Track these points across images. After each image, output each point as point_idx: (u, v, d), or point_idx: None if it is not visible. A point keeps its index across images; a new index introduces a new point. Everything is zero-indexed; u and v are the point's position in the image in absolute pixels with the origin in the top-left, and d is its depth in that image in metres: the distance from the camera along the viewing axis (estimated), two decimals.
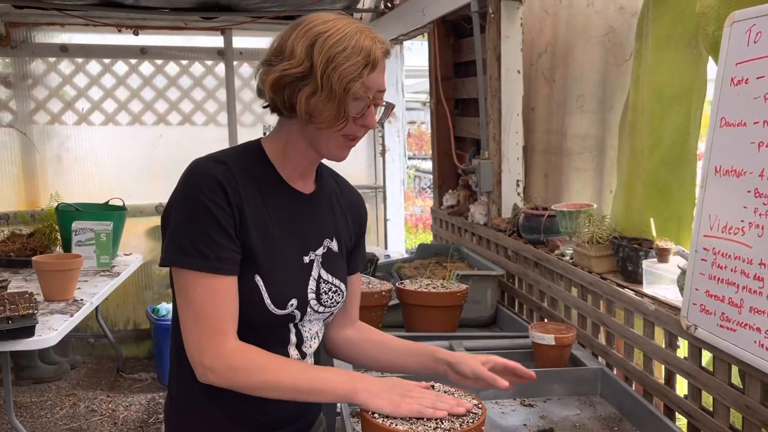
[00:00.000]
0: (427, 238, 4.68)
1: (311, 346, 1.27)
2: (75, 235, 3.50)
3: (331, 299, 1.27)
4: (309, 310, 1.23)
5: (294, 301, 1.20)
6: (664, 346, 1.59)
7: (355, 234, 1.35)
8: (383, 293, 2.12)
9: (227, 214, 1.12)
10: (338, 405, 1.67)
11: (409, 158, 7.71)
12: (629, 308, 1.72)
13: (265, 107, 1.22)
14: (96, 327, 4.21)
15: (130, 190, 4.17)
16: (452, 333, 2.08)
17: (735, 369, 1.35)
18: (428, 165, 7.72)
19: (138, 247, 4.22)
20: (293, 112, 1.14)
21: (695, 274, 1.39)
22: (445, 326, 2.13)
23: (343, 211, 1.32)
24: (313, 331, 1.27)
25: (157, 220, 4.39)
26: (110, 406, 3.68)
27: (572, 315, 2.09)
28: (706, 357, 1.43)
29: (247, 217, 1.15)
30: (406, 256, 3.62)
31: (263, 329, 1.19)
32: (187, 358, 1.14)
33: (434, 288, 2.14)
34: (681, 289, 1.53)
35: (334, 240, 1.29)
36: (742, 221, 1.24)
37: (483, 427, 1.15)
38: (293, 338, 1.23)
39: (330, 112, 1.12)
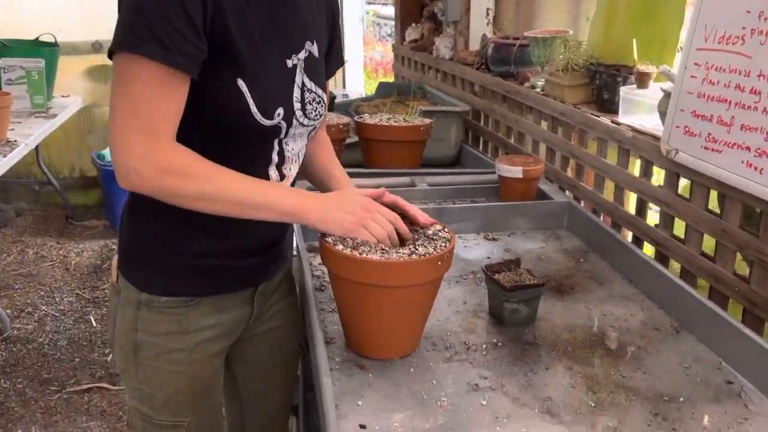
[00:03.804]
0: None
1: (291, 168, 1.14)
2: (4, 72, 3.21)
3: (315, 110, 1.13)
4: (295, 122, 1.08)
5: (281, 111, 1.05)
6: (638, 174, 1.50)
7: (329, 28, 1.19)
8: (341, 126, 1.97)
9: (196, 1, 0.92)
10: (294, 244, 1.59)
11: (368, 2, 7.26)
12: (603, 137, 1.62)
13: None
14: (39, 174, 4.00)
15: (62, 26, 3.78)
16: (413, 170, 1.96)
17: (713, 194, 1.28)
18: (389, 10, 7.29)
19: (76, 89, 3.92)
20: None
21: (682, 94, 1.27)
22: (406, 163, 2.01)
23: (319, 6, 1.16)
24: (295, 150, 1.13)
25: (95, 60, 4.06)
26: (61, 252, 3.58)
27: (540, 150, 1.99)
28: (682, 184, 1.35)
29: (226, 12, 0.96)
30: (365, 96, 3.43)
31: (246, 144, 1.06)
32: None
33: (396, 122, 2.00)
34: (662, 115, 1.42)
35: (315, 43, 1.12)
36: (744, 28, 1.10)
37: (449, 256, 1.06)
38: (275, 157, 1.10)
39: None
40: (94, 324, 2.91)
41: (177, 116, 0.97)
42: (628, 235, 1.52)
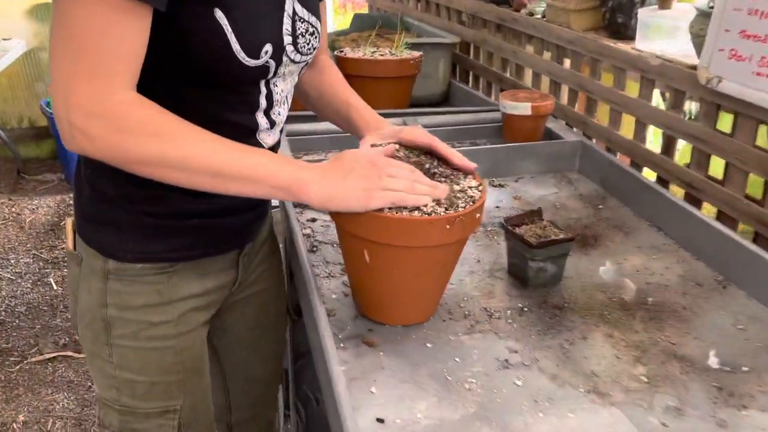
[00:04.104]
0: None
1: (280, 113, 0.94)
2: None
3: (308, 43, 0.92)
4: (285, 59, 0.87)
5: (268, 48, 0.84)
6: (665, 108, 1.33)
7: None
8: None
9: None
10: None
11: None
12: (622, 66, 1.44)
13: None
14: None
15: None
16: (404, 110, 1.77)
17: (763, 130, 1.12)
18: None
19: (18, 31, 3.57)
20: None
21: (726, 12, 1.09)
22: (394, 103, 1.81)
23: None
24: (284, 92, 0.93)
25: None
26: (14, 209, 3.31)
27: (542, 84, 1.80)
28: (724, 119, 1.19)
29: None
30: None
31: (228, 90, 0.85)
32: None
33: (382, 56, 1.79)
34: (696, 38, 1.24)
35: None
36: None
37: (478, 214, 0.89)
38: (263, 102, 0.90)
39: None
40: (55, 287, 2.69)
41: (137, 59, 0.75)
42: (653, 177, 1.36)
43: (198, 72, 0.81)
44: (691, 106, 1.34)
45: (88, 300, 0.94)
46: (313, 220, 1.28)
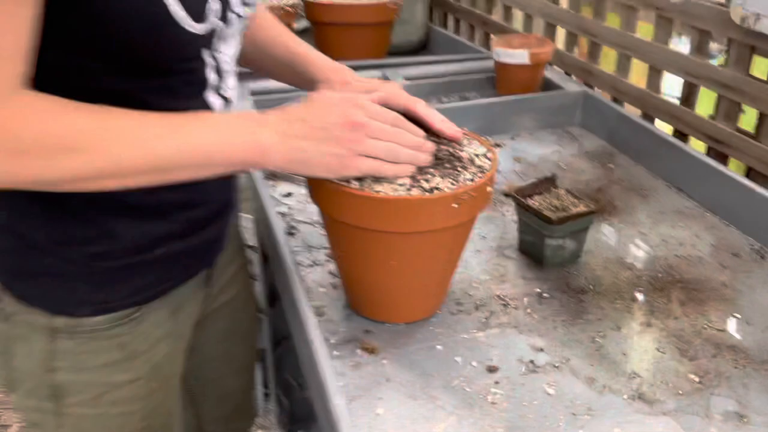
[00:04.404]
0: None
1: (231, 86, 0.74)
2: None
3: None
4: (230, 15, 0.68)
5: (216, 4, 0.64)
6: (687, 52, 1.18)
7: None
8: (286, 9, 1.55)
9: None
10: None
11: None
12: (633, 4, 1.27)
13: None
14: None
15: None
16: (382, 60, 1.58)
17: None
18: None
19: None
20: None
21: None
22: (371, 52, 1.63)
23: None
24: (230, 58, 0.72)
25: None
26: None
27: (534, 27, 1.63)
28: (760, 64, 1.04)
29: None
30: None
31: (170, 70, 0.65)
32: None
33: (357, 0, 1.59)
34: None
35: None
36: None
37: (489, 187, 0.73)
38: (211, 76, 0.69)
39: None
40: None
41: (25, 50, 0.54)
42: (669, 130, 1.22)
43: (129, 56, 0.60)
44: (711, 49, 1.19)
45: (28, 363, 0.74)
46: (289, 194, 1.11)
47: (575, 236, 0.91)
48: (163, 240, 0.72)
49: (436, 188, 0.69)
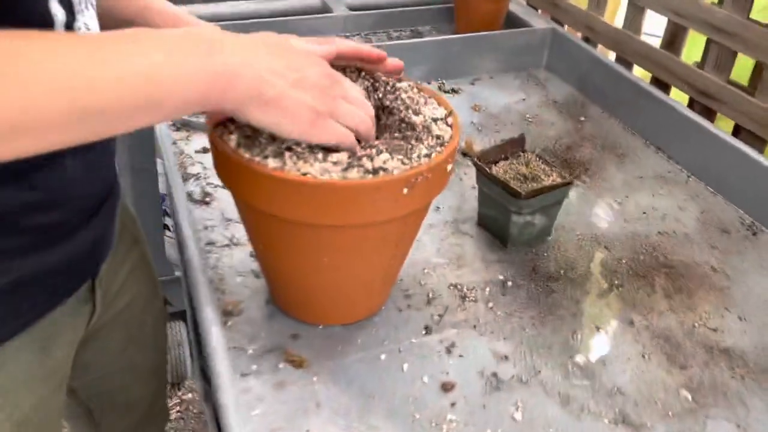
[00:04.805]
0: None
1: (87, 23, 0.53)
2: None
3: None
4: None
5: None
6: None
7: None
8: None
9: None
10: None
11: None
12: None
13: None
14: None
15: None
16: None
17: None
18: None
19: None
20: None
21: None
22: None
23: None
24: None
25: None
26: None
27: None
28: (757, 6, 0.89)
29: None
30: None
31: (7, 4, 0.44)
32: None
33: None
34: None
35: None
36: None
37: (450, 165, 0.57)
38: (56, 10, 0.48)
39: None
40: None
41: None
42: (647, 78, 1.07)
43: None
44: None
45: None
46: (205, 150, 0.92)
47: (546, 211, 0.77)
48: (8, 260, 0.53)
49: (382, 168, 0.52)
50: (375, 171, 0.52)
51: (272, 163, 0.51)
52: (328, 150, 0.52)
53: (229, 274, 0.71)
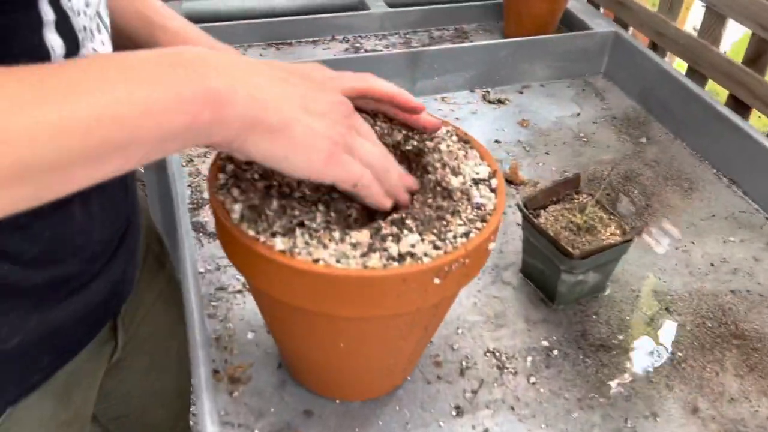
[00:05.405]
0: None
1: (98, 50, 0.45)
2: None
3: None
4: None
5: None
6: None
7: None
8: None
9: None
10: None
11: None
12: None
13: None
14: None
15: None
16: None
17: None
18: None
19: None
20: None
21: None
22: None
23: None
24: None
25: None
26: None
27: None
28: None
29: None
30: None
31: None
32: None
33: None
34: None
35: None
36: None
37: (491, 244, 0.48)
38: (53, 41, 0.40)
39: None
40: None
41: None
42: (723, 95, 0.95)
43: None
44: None
45: None
46: (206, 155, 0.84)
47: (601, 269, 0.67)
48: (7, 324, 0.46)
49: (410, 254, 0.43)
50: (401, 257, 0.43)
51: (280, 243, 0.43)
52: (346, 221, 0.44)
53: (240, 328, 0.64)
